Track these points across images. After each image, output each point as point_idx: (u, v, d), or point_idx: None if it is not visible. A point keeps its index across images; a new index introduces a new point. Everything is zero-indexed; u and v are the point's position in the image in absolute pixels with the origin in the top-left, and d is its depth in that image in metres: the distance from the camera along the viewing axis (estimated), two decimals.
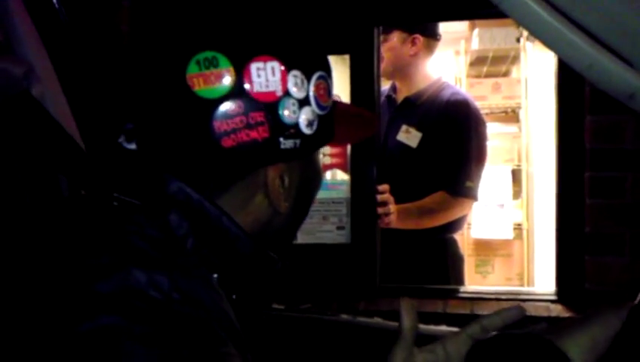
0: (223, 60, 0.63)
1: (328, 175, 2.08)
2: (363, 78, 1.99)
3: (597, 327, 0.68)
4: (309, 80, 0.68)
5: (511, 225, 4.01)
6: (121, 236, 0.63)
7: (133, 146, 0.69)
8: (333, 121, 0.73)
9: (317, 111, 0.69)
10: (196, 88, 0.63)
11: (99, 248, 0.62)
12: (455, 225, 2.23)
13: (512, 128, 4.21)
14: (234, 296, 0.67)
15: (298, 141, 0.67)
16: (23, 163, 0.69)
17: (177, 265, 0.62)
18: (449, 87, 2.29)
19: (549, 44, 0.67)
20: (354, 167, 2.01)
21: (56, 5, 1.06)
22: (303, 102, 0.67)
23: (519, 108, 4.13)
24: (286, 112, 0.66)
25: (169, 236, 0.64)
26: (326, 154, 2.07)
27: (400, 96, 2.28)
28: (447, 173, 2.13)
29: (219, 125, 0.63)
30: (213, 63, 0.63)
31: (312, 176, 0.76)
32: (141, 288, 0.57)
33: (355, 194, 2.00)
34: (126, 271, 0.58)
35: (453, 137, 2.14)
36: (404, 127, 2.17)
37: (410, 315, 0.73)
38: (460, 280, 2.27)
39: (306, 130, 0.68)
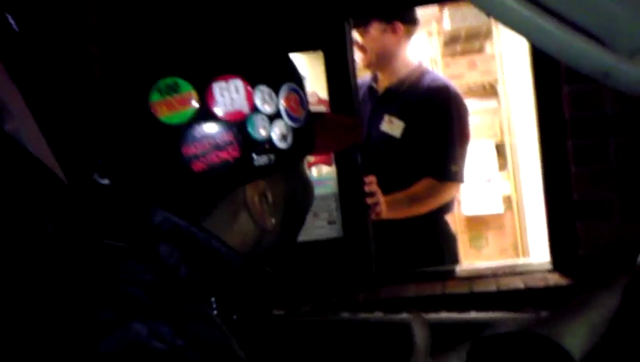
0: (183, 84, 0.63)
1: (314, 171, 2.08)
2: (338, 73, 1.99)
3: (593, 312, 0.69)
4: (277, 93, 0.67)
5: (500, 199, 4.05)
6: (115, 286, 0.61)
7: (106, 181, 0.68)
8: (312, 131, 0.72)
9: (290, 123, 0.68)
10: (160, 116, 0.63)
11: (95, 302, 0.60)
12: (444, 208, 2.25)
13: (491, 103, 4.24)
14: (234, 317, 0.67)
15: (273, 156, 0.66)
16: (5, 202, 0.68)
17: (177, 308, 0.60)
18: (428, 73, 2.30)
19: (518, 30, 0.67)
20: (339, 161, 2.02)
21: (16, 30, 1.04)
22: (274, 117, 0.66)
23: (496, 82, 4.16)
24: (256, 129, 0.65)
25: (164, 277, 0.63)
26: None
27: (381, 86, 2.27)
28: (432, 160, 2.15)
29: (187, 150, 0.63)
30: (174, 89, 0.63)
31: (300, 188, 0.74)
32: (144, 341, 0.56)
33: (342, 188, 2.01)
34: (126, 326, 0.57)
35: (435, 123, 2.16)
36: (386, 118, 2.17)
37: (422, 330, 0.73)
38: (455, 260, 2.29)
39: (281, 145, 0.66)
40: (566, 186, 1.87)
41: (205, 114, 0.63)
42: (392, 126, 2.16)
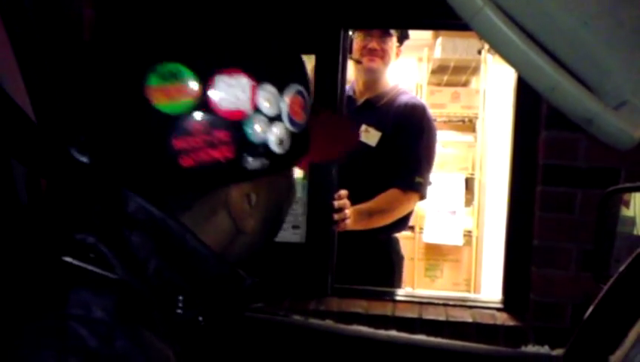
0: (186, 73, 0.58)
1: None
2: (328, 79, 1.99)
3: None
4: (282, 94, 0.62)
5: (461, 232, 4.09)
6: (62, 323, 0.54)
7: (85, 159, 0.64)
8: (308, 136, 0.68)
9: (290, 128, 0.63)
10: (155, 102, 0.58)
11: (38, 341, 0.54)
12: (399, 224, 2.29)
13: (468, 137, 4.29)
14: (200, 319, 0.64)
15: (266, 160, 0.62)
16: None
17: (122, 356, 0.54)
18: (406, 93, 2.40)
19: (513, 63, 0.69)
20: (312, 167, 2.02)
21: None
22: (274, 119, 0.62)
23: (476, 118, 4.21)
24: (254, 130, 0.60)
25: (119, 311, 0.57)
26: None
27: (360, 97, 2.34)
28: (400, 170, 2.22)
29: (177, 143, 0.58)
30: (175, 76, 0.58)
31: (284, 193, 0.71)
32: None
33: (312, 194, 2.01)
34: None
35: (408, 136, 2.24)
36: (363, 127, 2.23)
37: None
38: (399, 280, 2.34)
39: (277, 149, 0.62)
40: (528, 230, 1.90)
41: (204, 108, 0.58)
42: (369, 135, 2.21)
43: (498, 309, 1.97)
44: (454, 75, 4.44)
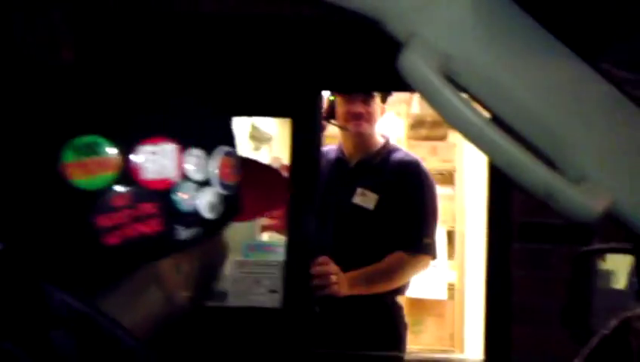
0: (105, 145, 0.55)
1: (265, 236, 2.06)
2: (304, 142, 2.00)
3: None
4: (210, 157, 0.60)
5: (445, 285, 4.07)
6: None
7: None
8: (239, 197, 0.65)
9: (221, 191, 0.61)
10: (74, 178, 0.54)
11: None
12: (400, 288, 2.21)
13: (447, 190, 4.31)
14: None
15: (198, 228, 0.59)
16: None
17: None
18: (398, 150, 2.35)
19: (470, 140, 0.69)
20: (291, 230, 2.00)
21: None
22: (204, 184, 0.59)
23: (454, 171, 4.25)
24: (183, 200, 0.57)
25: None
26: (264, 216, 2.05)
27: (351, 159, 2.27)
28: (405, 232, 2.14)
29: (100, 221, 0.55)
30: (93, 149, 0.55)
31: (217, 254, 0.67)
32: None
33: (290, 258, 1.98)
34: None
35: (409, 196, 2.18)
36: (359, 190, 2.17)
37: None
38: (403, 349, 2.22)
39: (208, 215, 0.59)
40: (507, 287, 1.89)
41: (127, 180, 0.55)
42: (366, 198, 2.16)
43: None
44: (432, 129, 4.50)
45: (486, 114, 0.71)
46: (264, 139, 3.39)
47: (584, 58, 0.73)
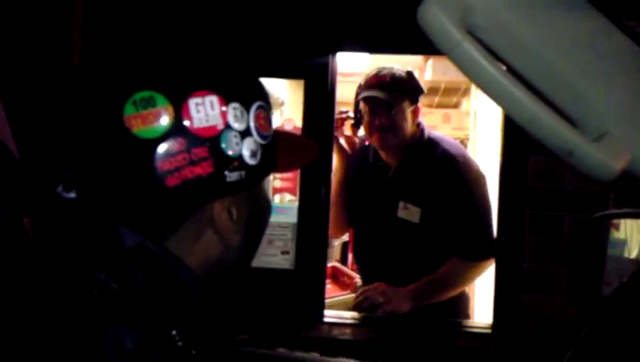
0: (160, 99, 0.63)
1: (277, 198, 2.06)
2: (317, 103, 1.99)
3: None
4: (248, 111, 0.68)
5: None
6: (99, 355, 0.58)
7: (72, 195, 0.66)
8: (275, 149, 0.73)
9: (259, 141, 0.69)
10: (134, 129, 0.62)
11: None
12: None
13: None
14: (193, 352, 0.65)
15: (243, 172, 0.67)
16: None
17: None
18: (437, 144, 2.14)
19: (491, 96, 0.68)
20: (303, 191, 2.01)
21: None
22: (245, 134, 0.67)
23: (467, 139, 4.23)
24: (229, 145, 0.65)
25: (146, 345, 0.60)
26: (276, 177, 2.06)
27: (389, 165, 2.17)
28: (458, 241, 2.05)
29: (161, 165, 0.62)
30: (150, 103, 0.63)
31: (262, 206, 0.75)
32: None
33: (302, 219, 1.99)
34: None
35: (456, 203, 2.04)
36: (401, 204, 2.08)
37: None
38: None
39: (250, 161, 0.68)
40: (519, 254, 1.89)
41: (180, 129, 0.63)
42: (409, 212, 2.07)
43: (488, 335, 1.95)
44: (445, 96, 4.47)
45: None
46: (276, 104, 3.38)
47: (607, 14, 0.72)
